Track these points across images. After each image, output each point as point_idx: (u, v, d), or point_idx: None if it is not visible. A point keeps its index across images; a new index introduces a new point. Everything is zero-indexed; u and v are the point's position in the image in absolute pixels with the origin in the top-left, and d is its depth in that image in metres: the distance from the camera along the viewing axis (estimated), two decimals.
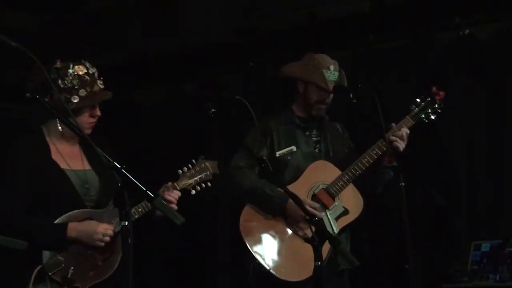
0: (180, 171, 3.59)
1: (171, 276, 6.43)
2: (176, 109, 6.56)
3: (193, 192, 3.60)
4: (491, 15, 5.28)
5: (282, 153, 4.18)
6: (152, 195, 2.60)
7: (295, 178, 4.13)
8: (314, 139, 4.27)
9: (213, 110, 3.59)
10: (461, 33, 5.28)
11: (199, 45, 6.21)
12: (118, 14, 6.50)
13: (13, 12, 6.33)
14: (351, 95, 4.16)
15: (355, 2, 5.58)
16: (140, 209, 3.42)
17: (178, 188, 3.54)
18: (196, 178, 3.59)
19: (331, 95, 4.20)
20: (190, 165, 3.61)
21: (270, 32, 5.94)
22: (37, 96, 2.71)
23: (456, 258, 5.14)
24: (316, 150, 4.24)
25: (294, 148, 4.19)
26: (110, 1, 6.52)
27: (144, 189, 2.60)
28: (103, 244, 3.28)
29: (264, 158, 3.40)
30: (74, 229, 3.26)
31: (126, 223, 2.59)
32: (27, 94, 2.78)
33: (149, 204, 3.39)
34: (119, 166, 2.61)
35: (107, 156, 2.65)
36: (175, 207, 3.46)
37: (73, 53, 3.48)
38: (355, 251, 4.20)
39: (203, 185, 3.62)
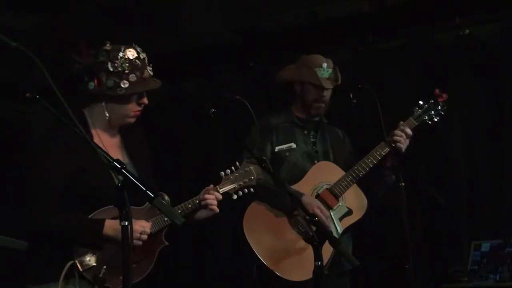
0: (223, 173, 3.39)
1: (171, 276, 6.42)
2: (176, 109, 6.56)
3: (235, 197, 3.39)
4: (491, 15, 5.28)
5: (281, 148, 4.21)
6: (152, 195, 2.58)
7: (292, 175, 4.14)
8: (312, 139, 4.30)
9: (213, 110, 3.59)
10: (461, 33, 5.28)
11: (199, 45, 6.21)
12: (118, 14, 6.49)
13: (13, 12, 6.33)
14: (351, 95, 4.18)
15: (355, 2, 5.57)
16: (189, 205, 3.30)
17: (220, 191, 3.36)
18: (240, 182, 3.39)
19: (329, 93, 4.22)
20: (233, 168, 3.41)
21: (270, 32, 5.94)
22: (37, 96, 2.70)
23: (456, 258, 5.14)
24: (314, 150, 4.26)
25: (293, 145, 4.22)
26: (110, 1, 6.52)
27: (144, 189, 2.58)
28: (140, 243, 3.12)
29: (264, 158, 3.39)
30: (111, 227, 3.09)
31: (126, 223, 2.57)
32: (27, 94, 2.75)
33: (192, 204, 3.30)
34: (119, 166, 2.58)
35: (107, 156, 2.63)
36: (216, 209, 3.33)
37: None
38: (355, 251, 4.21)
39: (246, 190, 3.41)
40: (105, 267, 3.10)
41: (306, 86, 4.24)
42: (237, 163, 3.44)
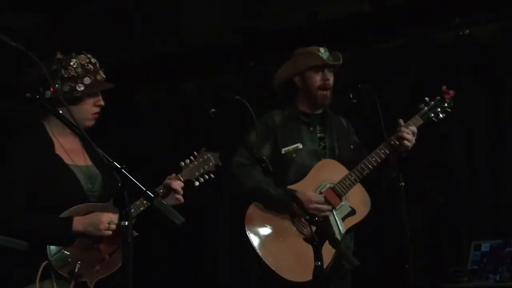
0: (183, 163, 3.55)
1: (171, 275, 6.43)
2: (176, 109, 6.56)
3: (197, 183, 3.55)
4: (491, 15, 5.28)
5: (288, 150, 4.16)
6: (152, 195, 2.59)
7: (299, 175, 4.11)
8: (319, 135, 4.25)
9: (213, 110, 3.59)
10: (461, 33, 5.28)
11: (199, 45, 6.21)
12: (118, 14, 6.50)
13: (13, 12, 6.33)
14: (351, 95, 4.16)
15: (355, 2, 5.57)
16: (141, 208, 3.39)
17: (182, 179, 3.50)
18: (200, 169, 3.56)
19: (332, 78, 4.19)
20: (192, 157, 3.57)
21: (270, 32, 5.94)
22: (37, 96, 2.71)
23: (456, 258, 5.14)
24: (321, 147, 4.22)
25: (300, 145, 4.17)
26: (110, 1, 6.52)
27: (144, 189, 2.59)
28: (110, 232, 3.22)
29: (264, 158, 3.38)
30: (80, 222, 3.21)
31: (126, 223, 2.57)
32: (27, 94, 2.77)
33: (160, 192, 3.41)
34: (119, 166, 2.60)
35: (107, 156, 2.64)
36: (181, 198, 3.45)
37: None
38: (355, 251, 4.20)
39: (206, 176, 3.58)
40: (79, 262, 3.19)
41: (307, 75, 4.20)
42: (195, 152, 3.58)
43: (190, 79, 6.55)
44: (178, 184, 3.46)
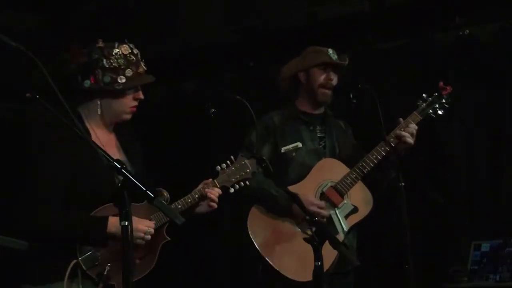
0: (219, 168, 3.41)
1: (171, 275, 6.42)
2: (176, 109, 6.56)
3: (232, 190, 3.42)
4: (491, 15, 5.28)
5: (287, 149, 4.17)
6: (152, 195, 2.58)
7: (300, 175, 4.11)
8: (319, 134, 4.26)
9: (213, 110, 3.59)
10: (461, 33, 5.28)
11: (199, 45, 6.21)
12: (118, 14, 6.49)
13: (13, 12, 6.33)
14: (351, 95, 4.17)
15: (355, 2, 5.58)
16: (189, 200, 3.32)
17: (218, 185, 3.39)
18: (236, 176, 3.42)
19: (336, 79, 4.20)
20: (229, 162, 3.44)
21: (270, 32, 5.94)
22: (37, 96, 2.69)
23: (456, 258, 5.14)
24: (321, 146, 4.23)
25: (299, 144, 4.18)
26: (110, 1, 6.52)
27: (144, 189, 2.57)
28: (144, 242, 3.11)
29: (264, 158, 3.38)
30: (114, 224, 3.04)
31: (126, 223, 2.56)
32: (27, 94, 2.74)
33: (192, 198, 3.32)
34: (119, 166, 2.58)
35: (107, 156, 2.63)
36: (214, 205, 3.36)
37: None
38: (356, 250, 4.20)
39: (242, 183, 3.44)
40: (109, 264, 3.08)
41: (312, 71, 4.21)
42: (231, 157, 3.46)
43: (190, 79, 6.55)
44: (214, 193, 3.35)
